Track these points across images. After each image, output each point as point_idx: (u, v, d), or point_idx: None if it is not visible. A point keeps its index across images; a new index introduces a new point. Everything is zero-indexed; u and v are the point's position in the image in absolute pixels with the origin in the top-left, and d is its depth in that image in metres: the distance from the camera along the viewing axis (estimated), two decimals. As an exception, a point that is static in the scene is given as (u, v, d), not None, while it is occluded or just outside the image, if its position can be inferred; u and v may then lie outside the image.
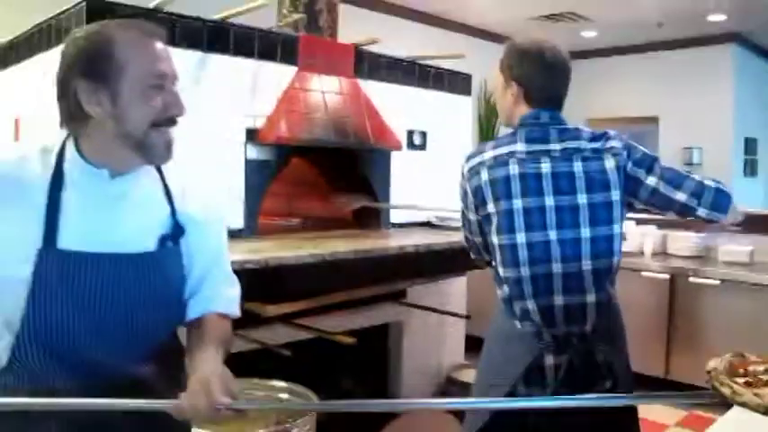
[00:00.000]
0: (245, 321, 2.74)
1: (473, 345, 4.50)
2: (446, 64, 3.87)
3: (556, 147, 1.95)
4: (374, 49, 3.46)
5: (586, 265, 1.89)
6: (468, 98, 4.03)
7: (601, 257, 1.91)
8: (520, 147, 1.96)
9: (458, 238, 3.15)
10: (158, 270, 1.40)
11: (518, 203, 1.90)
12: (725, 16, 7.40)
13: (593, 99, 9.07)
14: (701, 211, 1.89)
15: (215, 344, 1.44)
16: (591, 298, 1.92)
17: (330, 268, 2.57)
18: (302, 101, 3.01)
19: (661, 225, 4.98)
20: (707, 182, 1.92)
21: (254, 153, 2.92)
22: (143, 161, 1.38)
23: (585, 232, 1.88)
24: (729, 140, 8.24)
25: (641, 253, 4.86)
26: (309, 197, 3.60)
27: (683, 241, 4.81)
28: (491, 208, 1.95)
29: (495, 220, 1.94)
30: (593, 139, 1.97)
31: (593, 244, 1.89)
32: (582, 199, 1.89)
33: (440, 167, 3.74)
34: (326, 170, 3.43)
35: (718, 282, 4.25)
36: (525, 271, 1.91)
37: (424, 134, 3.64)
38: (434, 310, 3.59)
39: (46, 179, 1.30)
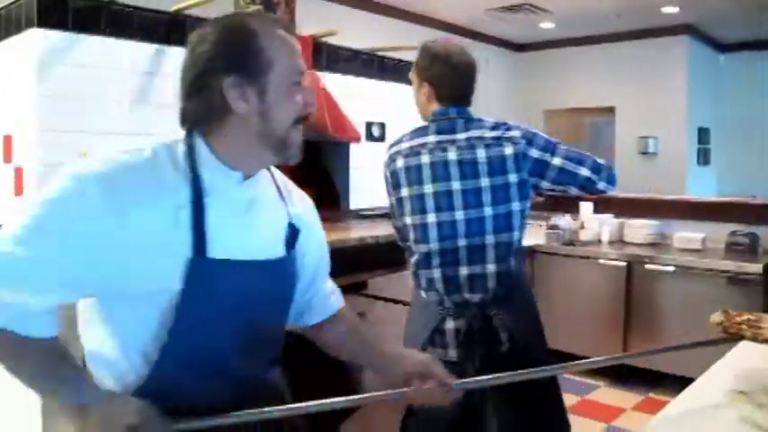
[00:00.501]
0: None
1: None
2: (406, 56, 3.89)
3: (461, 137, 2.17)
4: (333, 40, 3.46)
5: (489, 239, 2.14)
6: (427, 90, 4.05)
7: (501, 232, 2.15)
8: (431, 138, 2.20)
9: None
10: (287, 275, 1.38)
11: (429, 188, 2.14)
12: (677, 8, 7.55)
13: (550, 90, 9.20)
14: (601, 185, 2.18)
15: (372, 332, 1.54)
16: (492, 268, 2.16)
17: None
18: (260, 93, 3.01)
19: (618, 214, 5.08)
20: (600, 160, 2.22)
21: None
22: (279, 160, 1.32)
23: (488, 211, 2.12)
24: (683, 130, 8.41)
25: (599, 241, 4.95)
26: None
27: (639, 229, 4.92)
28: (404, 192, 2.20)
29: (408, 203, 2.20)
30: (494, 128, 2.19)
31: (495, 221, 2.13)
32: (484, 182, 2.13)
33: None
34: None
35: (672, 268, 4.36)
36: (435, 246, 2.16)
37: (382, 126, 3.66)
38: (395, 301, 3.61)
39: (182, 182, 1.21)
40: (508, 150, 2.15)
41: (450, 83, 2.18)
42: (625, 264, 4.53)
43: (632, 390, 4.31)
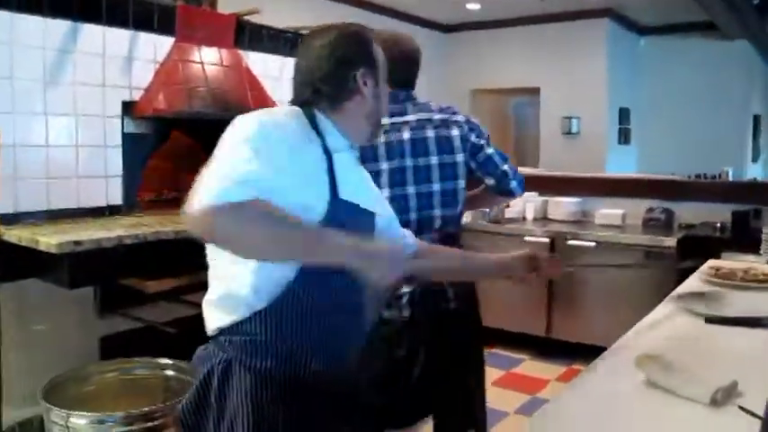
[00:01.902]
0: (127, 299, 2.70)
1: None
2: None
3: (412, 118, 2.33)
4: (256, 19, 3.41)
5: (437, 212, 2.31)
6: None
7: (448, 206, 2.32)
8: (385, 120, 2.12)
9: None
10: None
11: (384, 165, 2.28)
12: (599, -9, 7.72)
13: (477, 70, 9.28)
14: (513, 184, 2.43)
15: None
16: (438, 239, 2.31)
17: (213, 241, 2.54)
18: (181, 72, 2.94)
19: (542, 192, 5.21)
20: (518, 168, 2.49)
21: (131, 127, 2.84)
22: (369, 138, 1.65)
23: (436, 187, 2.30)
24: (605, 110, 8.64)
25: (524, 219, 5.07)
26: (192, 171, 3.53)
27: (563, 207, 5.05)
28: (382, 166, 2.29)
29: (378, 176, 2.26)
30: (441, 111, 2.37)
31: (442, 196, 2.31)
32: (434, 160, 2.30)
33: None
34: (210, 143, 3.36)
35: (593, 243, 4.50)
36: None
37: (307, 105, 3.63)
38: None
39: (315, 139, 1.48)
40: (454, 132, 2.34)
41: (399, 68, 2.25)
42: (549, 240, 4.65)
43: (555, 362, 4.45)
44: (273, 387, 1.40)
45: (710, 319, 2.07)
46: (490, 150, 2.40)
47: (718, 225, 4.53)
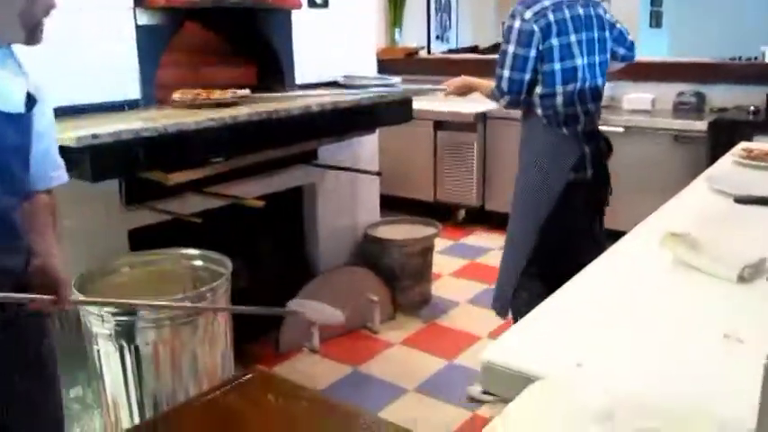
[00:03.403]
0: (152, 192, 2.72)
1: (388, 204, 4.60)
2: None
3: None
4: None
5: (600, 81, 2.71)
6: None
7: (604, 76, 2.74)
8: None
9: (366, 95, 3.13)
10: (24, 131, 1.43)
11: (573, 38, 2.58)
12: None
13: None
14: (635, 51, 2.88)
15: (50, 225, 1.56)
16: (600, 105, 2.81)
17: (233, 133, 2.52)
18: (192, -42, 2.83)
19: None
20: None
21: (144, 19, 2.76)
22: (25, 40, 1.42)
23: (602, 57, 2.71)
24: (636, -8, 8.27)
25: (549, 106, 4.96)
26: (210, 64, 3.46)
27: (590, 92, 4.92)
28: (554, 42, 2.55)
29: (557, 51, 2.56)
30: None
31: (601, 66, 2.71)
32: (597, 34, 2.66)
33: (345, 26, 3.64)
34: (224, 34, 3.28)
35: (622, 129, 4.40)
36: (580, 85, 2.62)
37: (326, -10, 3.50)
38: (346, 169, 3.61)
39: None
40: (600, 11, 2.70)
41: None
42: (575, 127, 4.55)
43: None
44: None
45: (740, 199, 2.03)
46: (620, 26, 2.79)
47: (752, 108, 4.39)
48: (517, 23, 2.57)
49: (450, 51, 6.92)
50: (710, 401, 0.95)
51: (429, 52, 6.87)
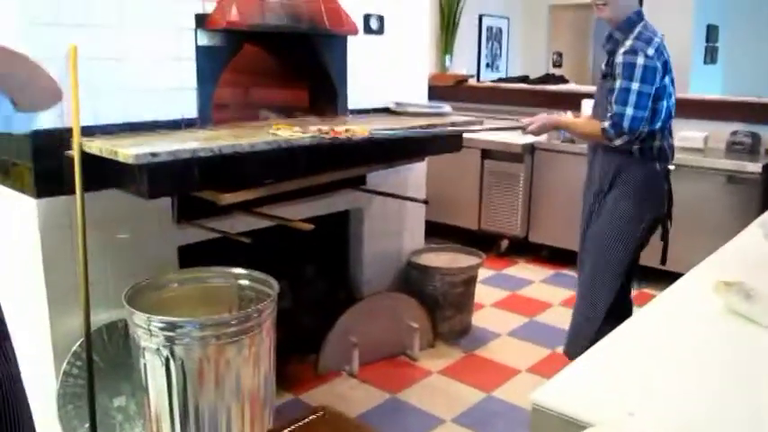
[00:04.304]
0: (203, 210, 2.77)
1: (432, 230, 4.60)
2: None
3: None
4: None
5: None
6: (426, -19, 3.92)
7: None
8: (659, 35, 2.73)
9: (417, 122, 3.15)
10: None
11: (668, 78, 2.72)
12: None
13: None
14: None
15: None
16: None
17: (286, 155, 2.56)
18: (254, -16, 2.90)
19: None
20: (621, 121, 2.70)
21: (204, 39, 2.84)
22: None
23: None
24: (689, 27, 8.18)
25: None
26: (264, 85, 3.53)
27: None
28: (666, 80, 2.69)
29: (666, 89, 2.70)
30: None
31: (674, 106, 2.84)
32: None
33: (398, 53, 3.68)
34: (281, 57, 3.35)
35: (673, 167, 4.33)
36: (670, 123, 2.80)
37: (381, 18, 3.55)
38: (393, 196, 3.62)
39: None
40: None
41: None
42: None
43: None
44: None
45: (796, 248, 1.99)
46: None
47: (809, 151, 4.30)
48: (641, 60, 2.60)
49: (500, 80, 6.92)
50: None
51: (478, 80, 6.90)
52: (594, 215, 2.93)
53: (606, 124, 2.67)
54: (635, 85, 2.59)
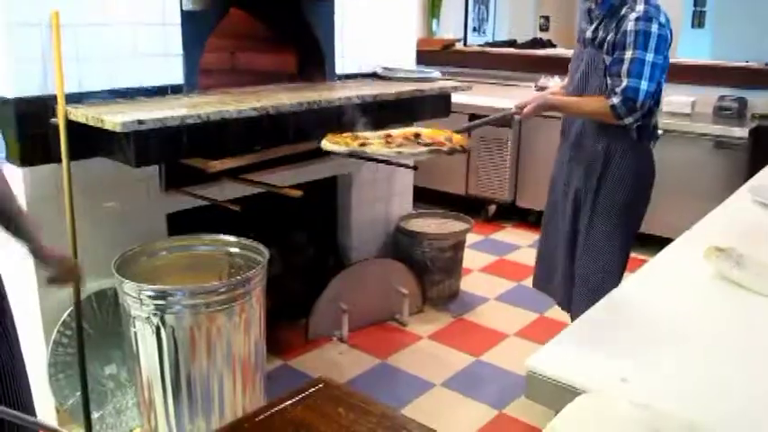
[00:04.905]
0: (191, 178, 2.75)
1: (421, 195, 4.59)
2: None
3: None
4: None
5: None
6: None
7: None
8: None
9: (405, 88, 3.13)
10: None
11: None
12: None
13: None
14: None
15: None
16: None
17: (274, 122, 2.54)
18: (239, -55, 2.84)
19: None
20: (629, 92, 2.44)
21: (189, 4, 2.78)
22: None
23: None
24: (679, -10, 8.14)
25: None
26: (251, 50, 3.49)
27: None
28: (667, 53, 2.43)
29: (667, 62, 2.43)
30: None
31: None
32: None
33: (386, 16, 3.63)
34: (268, 22, 3.29)
35: (660, 131, 4.34)
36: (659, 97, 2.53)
37: (368, -19, 3.50)
38: (382, 161, 3.60)
39: None
40: None
41: None
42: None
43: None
44: None
45: (785, 213, 2.01)
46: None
47: (796, 115, 4.32)
48: (655, 28, 2.34)
49: (488, 44, 6.87)
50: (755, 420, 0.95)
51: (465, 44, 6.84)
52: (582, 212, 2.69)
53: (616, 101, 2.36)
54: (649, 56, 2.33)
